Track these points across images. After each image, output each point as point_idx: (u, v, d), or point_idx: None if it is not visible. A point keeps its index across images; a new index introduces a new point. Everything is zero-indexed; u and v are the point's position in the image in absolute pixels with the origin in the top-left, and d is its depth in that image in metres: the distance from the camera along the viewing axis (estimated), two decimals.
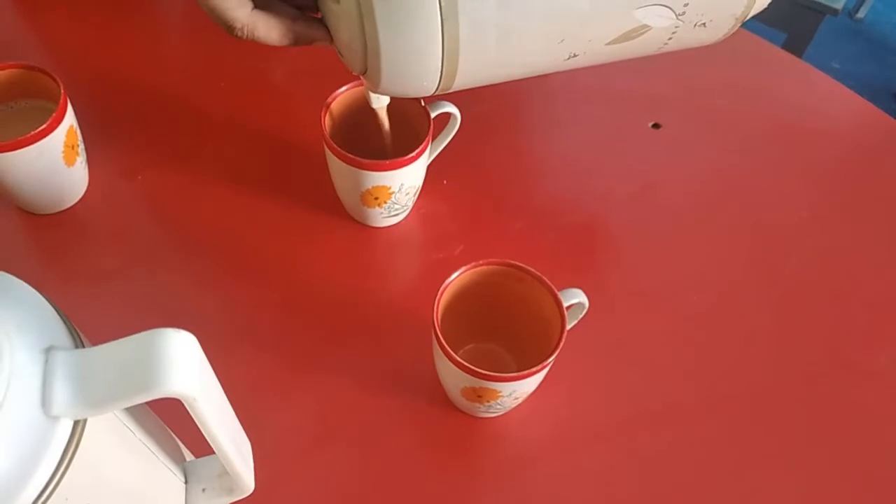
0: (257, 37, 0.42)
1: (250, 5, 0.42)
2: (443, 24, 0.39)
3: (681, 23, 0.44)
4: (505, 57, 0.42)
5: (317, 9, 0.44)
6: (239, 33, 0.42)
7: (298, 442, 0.49)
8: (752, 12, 0.46)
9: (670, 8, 0.43)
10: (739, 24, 0.47)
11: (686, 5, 0.43)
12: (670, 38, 0.45)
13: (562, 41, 0.42)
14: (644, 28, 0.43)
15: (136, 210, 0.60)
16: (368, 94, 0.51)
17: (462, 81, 0.43)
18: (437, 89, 0.43)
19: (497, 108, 0.68)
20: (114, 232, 0.58)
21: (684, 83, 0.71)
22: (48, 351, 0.26)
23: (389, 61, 0.40)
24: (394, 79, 0.42)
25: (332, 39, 0.44)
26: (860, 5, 1.88)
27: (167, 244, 0.58)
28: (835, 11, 1.15)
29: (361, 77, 0.44)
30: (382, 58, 0.40)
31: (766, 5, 0.47)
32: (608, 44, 0.44)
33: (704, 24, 0.45)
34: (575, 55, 0.44)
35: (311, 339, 0.53)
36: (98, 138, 0.60)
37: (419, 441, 0.50)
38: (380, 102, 0.52)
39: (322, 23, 0.44)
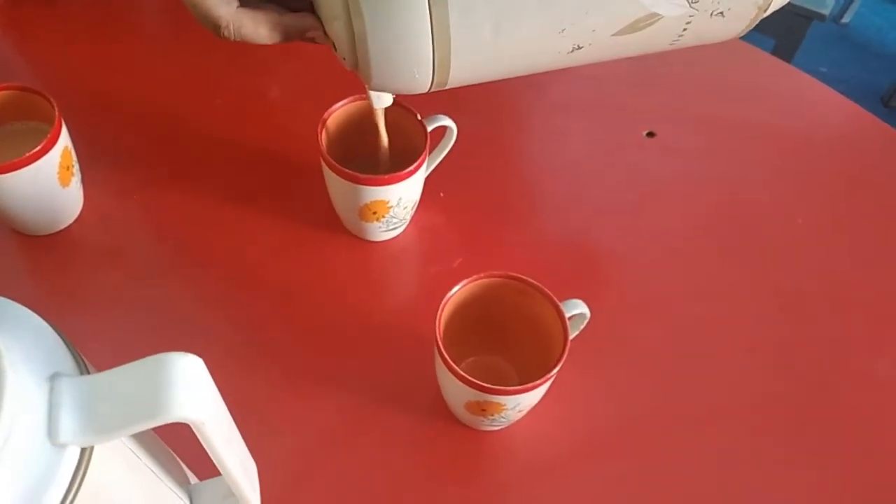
0: (244, 35, 0.40)
1: (235, 3, 0.40)
2: (431, 10, 0.37)
3: (695, 11, 0.41)
4: (501, 48, 0.40)
5: (312, 9, 0.43)
6: (224, 32, 0.40)
7: (301, 459, 0.48)
8: (776, 2, 0.43)
9: None
10: (762, 15, 0.43)
11: None
12: (685, 30, 0.42)
13: (563, 31, 0.40)
14: (653, 17, 0.40)
15: (132, 229, 0.59)
16: (369, 94, 0.50)
17: (459, 76, 0.41)
18: (431, 84, 0.41)
19: (493, 121, 0.68)
20: (110, 251, 0.58)
21: (676, 91, 0.71)
22: (53, 378, 0.26)
23: (377, 50, 0.39)
24: (384, 69, 0.40)
25: (323, 29, 0.42)
26: (845, 10, 1.90)
27: (164, 262, 0.57)
28: (822, 17, 1.16)
29: (355, 71, 0.42)
30: (370, 46, 0.38)
31: None
32: (614, 35, 0.41)
33: (722, 13, 0.41)
34: (579, 47, 0.41)
35: (312, 354, 0.53)
36: (93, 158, 0.60)
37: (423, 456, 0.49)
38: (381, 102, 0.50)
39: (313, 13, 0.42)
